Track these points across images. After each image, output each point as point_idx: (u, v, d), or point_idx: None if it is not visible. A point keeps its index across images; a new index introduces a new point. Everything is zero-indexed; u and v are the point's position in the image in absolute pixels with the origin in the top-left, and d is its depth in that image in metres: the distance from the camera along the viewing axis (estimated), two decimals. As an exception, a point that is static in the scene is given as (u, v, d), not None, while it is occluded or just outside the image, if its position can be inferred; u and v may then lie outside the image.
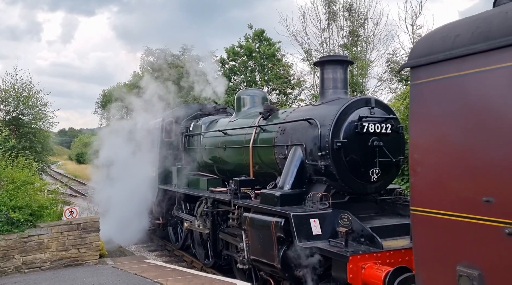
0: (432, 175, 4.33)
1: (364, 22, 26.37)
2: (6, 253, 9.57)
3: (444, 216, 4.15)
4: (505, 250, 3.64)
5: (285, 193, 7.01)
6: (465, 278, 3.92)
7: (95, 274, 9.44)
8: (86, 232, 10.42)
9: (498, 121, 3.75)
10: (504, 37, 3.69)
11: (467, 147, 4.04)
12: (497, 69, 3.77)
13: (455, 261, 4.04)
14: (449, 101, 4.17)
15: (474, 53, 3.92)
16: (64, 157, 69.80)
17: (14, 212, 9.81)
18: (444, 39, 4.31)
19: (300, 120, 7.33)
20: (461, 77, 4.05)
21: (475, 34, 3.99)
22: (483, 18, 4.18)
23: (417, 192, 4.47)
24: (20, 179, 10.52)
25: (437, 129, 4.30)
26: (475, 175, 3.93)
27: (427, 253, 4.41)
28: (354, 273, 5.56)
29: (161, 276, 8.81)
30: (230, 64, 33.29)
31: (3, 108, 21.23)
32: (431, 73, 4.34)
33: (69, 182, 33.23)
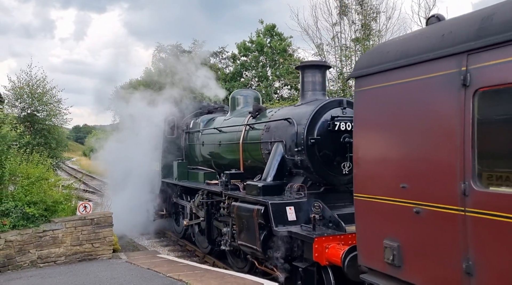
0: (368, 167, 5.46)
1: (377, 16, 26.39)
2: (22, 248, 9.93)
3: (376, 199, 5.28)
4: (414, 224, 4.76)
5: (266, 184, 8.21)
6: (389, 249, 5.05)
7: (108, 268, 9.74)
8: (100, 227, 10.73)
9: (412, 125, 4.85)
10: (417, 55, 4.78)
11: (391, 145, 5.16)
12: (414, 81, 4.85)
13: (383, 236, 5.17)
14: (379, 107, 5.28)
15: (397, 68, 5.02)
16: (78, 153, 72.15)
17: (29, 207, 10.15)
18: (380, 55, 5.41)
19: (281, 120, 8.53)
20: (389, 87, 5.15)
21: (399, 52, 5.08)
22: (407, 38, 5.27)
23: (358, 181, 5.60)
24: (35, 174, 10.87)
25: (371, 130, 5.43)
26: (396, 167, 5.05)
27: (364, 231, 5.54)
28: (319, 252, 6.70)
29: (173, 271, 9.08)
30: (242, 59, 35.17)
31: (18, 105, 21.63)
32: (369, 82, 5.44)
33: (83, 177, 34.86)
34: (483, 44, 4.08)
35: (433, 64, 4.58)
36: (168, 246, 13.93)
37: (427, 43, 4.76)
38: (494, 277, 4.02)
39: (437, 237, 4.54)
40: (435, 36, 4.72)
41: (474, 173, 4.16)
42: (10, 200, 10.22)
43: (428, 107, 4.64)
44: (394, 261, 4.99)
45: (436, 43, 4.62)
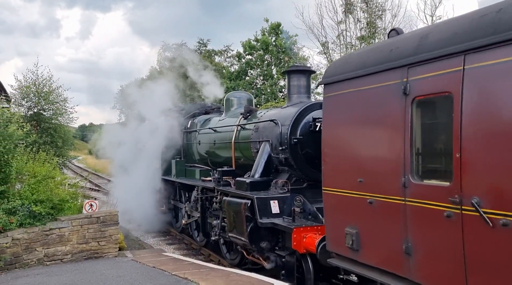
0: (333, 164, 6.37)
1: (382, 14, 27.17)
2: (28, 246, 10.13)
3: (339, 192, 6.19)
4: (368, 213, 5.66)
5: (254, 180, 9.15)
6: (349, 235, 5.95)
7: (114, 266, 9.96)
8: (106, 225, 10.91)
9: (367, 128, 5.75)
10: (372, 67, 5.66)
11: (351, 144, 6.07)
12: (369, 89, 5.74)
13: (345, 224, 6.07)
14: (342, 111, 6.19)
15: (356, 77, 5.91)
16: (84, 152, 73.65)
17: (36, 205, 10.35)
18: (343, 65, 6.32)
19: (268, 121, 9.44)
20: (350, 93, 6.05)
21: (358, 63, 5.98)
22: (365, 51, 6.16)
23: (325, 176, 6.52)
24: (41, 173, 11.18)
25: (336, 131, 6.34)
26: (355, 164, 5.95)
27: (330, 220, 6.46)
28: (297, 241, 7.60)
29: (179, 269, 9.25)
30: (247, 58, 35.82)
31: (25, 104, 21.84)
32: (334, 89, 6.35)
33: (89, 176, 35.92)
34: (419, 59, 4.96)
35: (383, 75, 5.46)
36: (174, 245, 14.34)
37: (379, 56, 5.65)
38: (426, 256, 4.90)
39: (385, 223, 5.43)
40: (386, 50, 5.60)
41: (412, 168, 5.04)
42: (17, 198, 10.52)
43: (379, 112, 5.53)
44: (353, 245, 5.89)
45: (386, 56, 5.50)
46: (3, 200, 10.37)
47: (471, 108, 4.34)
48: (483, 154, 4.26)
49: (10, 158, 10.64)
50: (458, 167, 4.43)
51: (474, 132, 4.33)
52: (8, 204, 10.20)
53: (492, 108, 4.20)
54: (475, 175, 4.32)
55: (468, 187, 4.35)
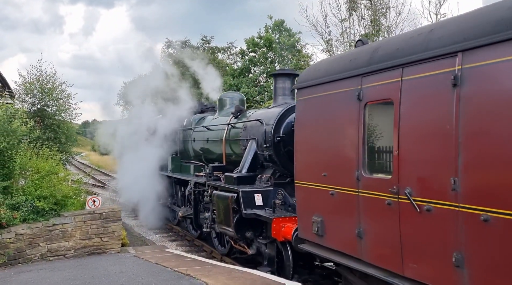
0: (303, 160, 7.38)
1: (386, 11, 27.71)
2: (32, 241, 10.35)
3: (308, 185, 7.19)
4: (330, 203, 6.67)
5: (241, 175, 10.18)
6: (315, 223, 6.96)
7: (117, 262, 10.19)
8: (109, 221, 11.19)
9: (330, 128, 6.75)
10: (335, 74, 6.66)
11: (317, 143, 7.08)
12: (332, 94, 6.74)
13: (312, 213, 7.08)
14: (311, 113, 7.19)
15: (323, 83, 6.91)
16: (87, 148, 75.28)
17: (39, 201, 10.59)
18: (313, 72, 7.33)
19: (254, 120, 10.46)
20: (318, 97, 7.05)
21: (325, 71, 6.98)
22: (331, 60, 7.16)
23: (297, 171, 7.54)
24: (44, 169, 11.41)
25: (305, 131, 7.35)
26: (320, 160, 6.96)
27: (301, 210, 7.48)
28: (276, 230, 8.62)
29: (181, 266, 9.49)
30: (250, 55, 36.81)
31: (29, 100, 21.89)
32: (305, 93, 7.35)
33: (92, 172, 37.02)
34: (370, 70, 5.95)
35: (343, 82, 6.46)
36: (176, 241, 14.87)
37: (341, 65, 6.65)
38: (373, 238, 5.90)
39: (343, 211, 6.43)
40: (346, 60, 6.60)
41: (364, 164, 6.03)
42: (21, 194, 10.78)
43: (339, 115, 6.52)
44: (318, 232, 6.90)
45: (346, 66, 6.50)
46: (6, 196, 10.62)
47: (406, 113, 5.33)
48: (413, 151, 5.26)
49: (13, 154, 10.93)
50: (396, 163, 5.42)
51: (408, 133, 5.31)
52: (12, 199, 10.46)
53: (419, 113, 5.19)
54: (408, 169, 5.30)
55: (403, 179, 5.34)
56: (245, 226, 9.54)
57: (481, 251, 4.48)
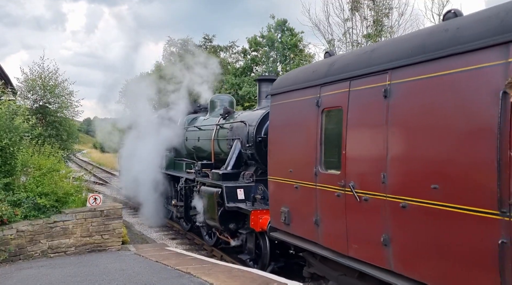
0: (275, 158, 8.66)
1: (389, 12, 28.22)
2: (33, 238, 10.60)
3: (278, 180, 8.47)
4: (295, 195, 7.94)
5: (226, 172, 11.49)
6: (283, 213, 8.24)
7: (117, 260, 10.44)
8: (109, 219, 11.47)
9: (296, 130, 8.02)
10: (301, 83, 7.94)
11: (286, 143, 8.36)
12: (298, 100, 8.01)
13: (281, 204, 8.36)
14: (281, 117, 8.47)
15: (291, 91, 8.19)
16: (89, 145, 77.09)
17: (41, 198, 10.87)
18: (284, 81, 8.61)
19: (239, 122, 11.77)
20: (287, 103, 8.32)
21: (294, 80, 8.26)
22: (299, 70, 8.44)
23: (269, 168, 8.83)
24: (46, 166, 11.72)
25: (277, 132, 8.63)
26: (287, 158, 8.24)
27: (272, 201, 8.76)
28: (254, 221, 9.89)
29: (181, 264, 9.77)
30: (252, 54, 38.39)
31: (31, 97, 22.17)
32: (278, 99, 8.63)
33: (93, 169, 38.39)
34: (326, 81, 7.21)
35: (307, 90, 7.72)
36: (177, 239, 15.34)
37: (306, 76, 7.92)
38: (326, 225, 7.17)
39: (304, 202, 7.71)
40: (310, 72, 7.88)
41: (321, 161, 7.30)
42: (22, 190, 11.09)
43: (303, 119, 7.79)
44: (285, 221, 8.19)
45: (309, 76, 7.77)
46: (8, 192, 10.91)
47: (351, 119, 6.59)
48: (356, 151, 6.52)
49: (15, 150, 11.19)
50: (344, 160, 6.69)
51: (352, 136, 6.58)
52: (13, 196, 10.76)
53: (361, 119, 6.46)
54: (352, 166, 6.57)
55: (348, 174, 6.61)
56: (228, 218, 10.85)
57: (401, 232, 5.74)
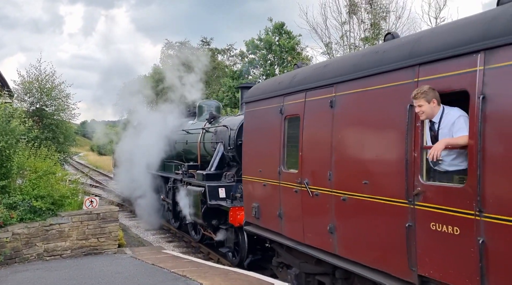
0: (247, 159, 10.05)
1: (386, 15, 29.91)
2: (29, 241, 10.86)
3: (250, 179, 9.86)
4: (263, 192, 9.31)
5: (209, 172, 12.88)
6: (254, 208, 9.62)
7: (113, 263, 10.75)
8: (106, 221, 11.81)
9: (264, 134, 9.41)
10: (268, 93, 9.33)
11: (256, 146, 9.74)
12: (266, 108, 9.40)
13: (253, 201, 9.74)
14: (253, 122, 9.86)
15: (260, 100, 9.58)
16: (86, 148, 78.75)
17: (37, 201, 11.14)
18: (257, 90, 10.00)
19: (222, 126, 13.16)
20: (257, 110, 9.71)
21: (264, 90, 9.65)
22: (268, 81, 9.84)
23: (243, 168, 10.21)
24: (42, 168, 12.03)
25: (250, 136, 10.01)
26: (257, 159, 9.62)
27: (246, 198, 10.14)
28: (233, 217, 11.27)
29: (177, 267, 10.08)
30: (250, 57, 39.86)
31: (27, 100, 23.39)
32: (250, 106, 10.02)
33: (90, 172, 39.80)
34: (288, 91, 8.58)
35: (273, 99, 9.10)
36: (173, 242, 16.19)
37: (273, 86, 9.30)
38: (288, 218, 8.53)
39: (270, 198, 9.06)
40: (276, 83, 9.26)
41: (284, 161, 8.67)
42: (18, 193, 11.43)
43: (270, 125, 9.14)
44: (256, 215, 9.56)
45: (276, 87, 9.14)
46: (4, 195, 11.24)
47: (306, 125, 7.95)
48: (309, 152, 7.90)
49: (11, 153, 11.51)
50: (301, 161, 8.06)
51: (307, 139, 7.95)
52: (9, 198, 11.09)
53: (313, 125, 7.83)
54: (307, 166, 7.93)
55: (304, 173, 7.98)
56: (211, 215, 12.26)
57: (342, 221, 7.11)
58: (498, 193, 4.72)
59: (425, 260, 5.61)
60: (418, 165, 5.69)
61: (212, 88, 41.38)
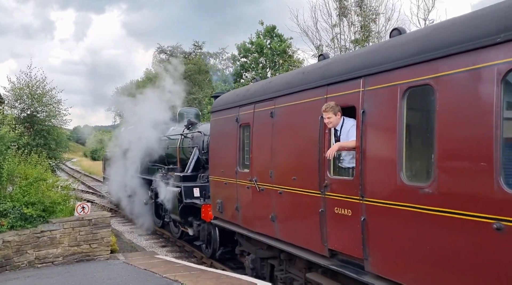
0: (213, 162, 12.21)
1: (376, 17, 30.99)
2: (19, 248, 11.02)
3: (215, 179, 11.99)
4: (224, 190, 11.43)
5: (186, 174, 14.97)
6: (218, 204, 11.75)
7: (105, 269, 11.03)
8: (98, 227, 12.16)
9: (225, 139, 11.54)
10: (227, 104, 11.50)
11: (218, 149, 11.89)
12: (226, 117, 11.56)
13: (217, 198, 11.89)
14: (216, 129, 12.00)
15: (222, 110, 11.74)
16: (79, 154, 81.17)
17: (27, 207, 11.39)
18: (220, 100, 12.15)
19: (197, 132, 15.31)
20: (219, 119, 11.86)
21: (225, 101, 11.82)
22: (229, 93, 12.01)
23: (210, 169, 12.33)
24: (32, 175, 12.37)
25: (215, 141, 12.15)
26: (220, 161, 11.76)
27: (212, 196, 12.27)
28: (205, 213, 13.36)
29: (169, 271, 10.46)
30: (242, 61, 41.46)
31: (18, 106, 24.41)
32: (215, 116, 12.16)
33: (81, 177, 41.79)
34: (242, 103, 10.68)
35: (231, 110, 11.21)
36: (166, 247, 17.07)
37: (232, 98, 11.42)
38: (243, 210, 10.63)
39: (230, 195, 11.16)
40: (235, 95, 11.39)
41: (239, 163, 10.79)
42: (8, 200, 11.64)
43: (230, 131, 11.22)
44: (219, 209, 11.69)
45: (234, 99, 11.25)
46: None
47: (254, 132, 10.08)
48: (256, 155, 10.03)
49: (1, 160, 11.90)
50: (251, 162, 10.20)
51: (255, 144, 10.08)
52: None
53: (260, 132, 9.97)
54: (256, 166, 10.03)
55: (253, 172, 10.10)
56: (187, 212, 14.37)
57: (279, 210, 9.23)
58: (372, 182, 6.80)
59: (332, 237, 7.68)
60: (327, 163, 7.77)
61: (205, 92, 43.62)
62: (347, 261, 7.43)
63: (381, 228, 6.58)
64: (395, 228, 6.36)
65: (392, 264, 6.46)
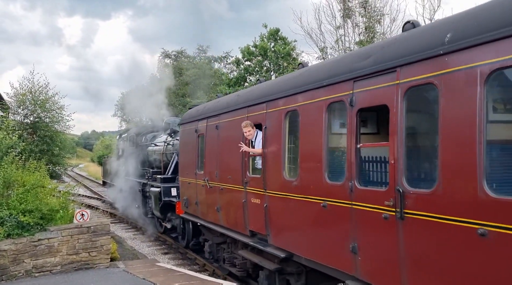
0: (182, 164, 16.02)
1: (381, 18, 32.06)
2: (16, 257, 11.10)
3: (184, 180, 15.77)
4: (188, 188, 15.10)
5: (165, 176, 18.48)
6: (184, 200, 15.45)
7: (103, 278, 11.25)
8: (97, 235, 12.35)
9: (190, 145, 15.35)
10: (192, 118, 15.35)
11: (185, 155, 15.66)
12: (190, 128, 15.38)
13: (184, 195, 15.66)
14: (183, 138, 15.73)
15: (188, 122, 15.60)
16: (87, 159, 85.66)
17: (24, 215, 11.55)
18: (187, 114, 15.90)
19: (177, 140, 18.97)
20: (186, 129, 15.63)
21: (190, 114, 15.69)
22: (200, 106, 15.88)
23: (179, 171, 16.07)
24: (30, 182, 12.54)
25: (182, 148, 15.86)
26: (185, 164, 15.48)
27: (181, 194, 15.95)
28: (179, 209, 16.67)
29: (168, 281, 10.75)
30: (245, 64, 44.33)
31: (21, 112, 26.35)
32: (182, 127, 15.91)
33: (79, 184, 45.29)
34: (200, 117, 14.35)
35: (193, 123, 14.75)
36: (169, 254, 17.98)
37: (193, 113, 15.06)
38: (201, 205, 14.27)
39: (191, 192, 14.79)
40: (195, 110, 15.17)
41: (198, 166, 14.36)
42: (5, 208, 11.88)
43: (191, 140, 14.65)
44: (185, 205, 15.37)
45: (194, 114, 14.87)
46: None
47: (206, 141, 13.76)
48: (207, 159, 13.74)
49: None
50: (205, 165, 13.95)
51: (207, 150, 13.78)
52: None
53: (209, 140, 13.73)
54: (207, 168, 13.60)
55: (205, 173, 13.79)
56: (166, 209, 17.95)
57: (223, 202, 12.83)
58: (270, 179, 10.16)
59: (251, 220, 11.18)
60: (247, 165, 11.44)
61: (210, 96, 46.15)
62: (261, 238, 10.79)
63: (275, 212, 9.89)
64: (284, 211, 9.66)
65: (282, 237, 9.75)
